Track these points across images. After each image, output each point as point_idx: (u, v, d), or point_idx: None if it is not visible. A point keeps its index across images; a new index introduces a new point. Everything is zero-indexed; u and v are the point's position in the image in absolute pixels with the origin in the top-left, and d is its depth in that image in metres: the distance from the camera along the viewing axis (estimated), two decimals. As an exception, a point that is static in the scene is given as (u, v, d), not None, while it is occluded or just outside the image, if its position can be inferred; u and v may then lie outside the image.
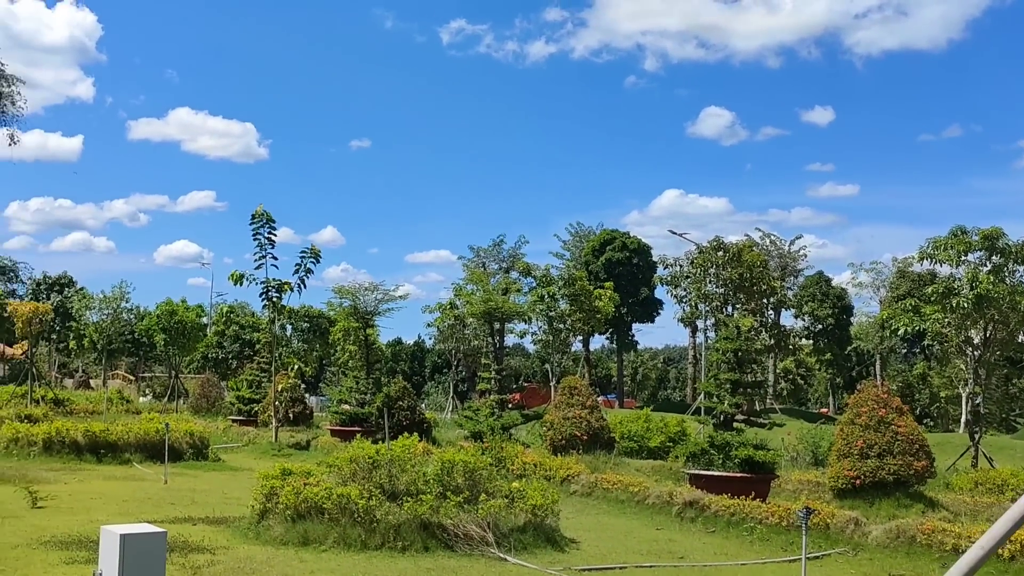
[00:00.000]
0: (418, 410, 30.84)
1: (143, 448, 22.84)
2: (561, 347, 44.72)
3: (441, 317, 48.28)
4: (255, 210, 28.73)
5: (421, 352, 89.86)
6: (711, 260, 46.86)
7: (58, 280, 64.75)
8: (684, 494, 16.53)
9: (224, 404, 41.44)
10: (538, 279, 42.63)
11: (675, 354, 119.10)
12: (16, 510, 14.18)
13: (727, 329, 20.13)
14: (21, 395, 40.59)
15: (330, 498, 12.54)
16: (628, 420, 27.20)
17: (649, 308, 70.49)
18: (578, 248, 75.32)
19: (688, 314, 55.48)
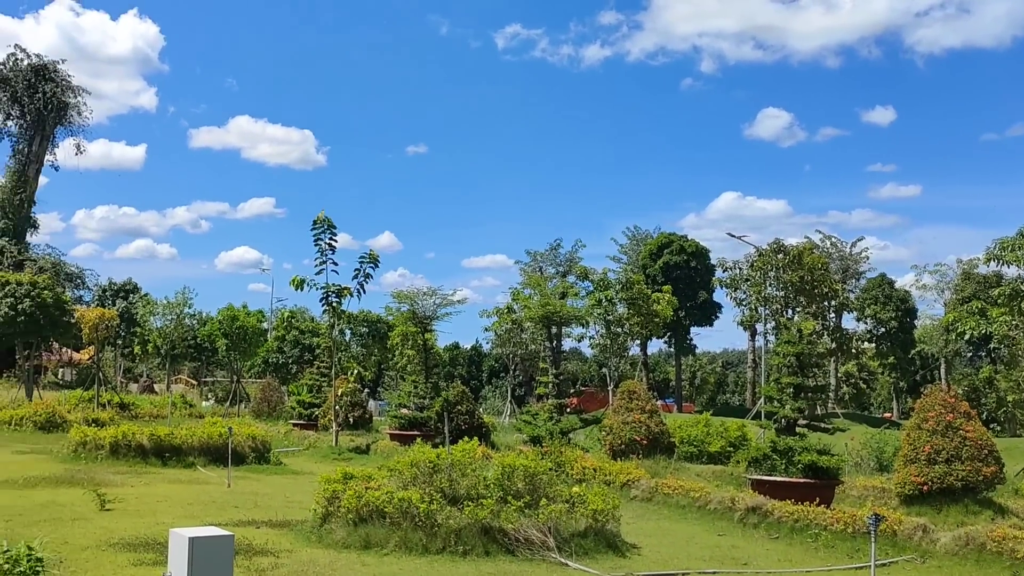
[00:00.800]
0: (477, 414, 30.90)
1: (206, 452, 23.16)
2: (619, 351, 44.55)
3: (499, 321, 48.35)
4: (317, 216, 28.97)
5: (478, 356, 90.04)
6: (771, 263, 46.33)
7: (123, 286, 65.89)
8: (746, 499, 16.33)
9: (285, 408, 41.89)
10: (595, 283, 42.52)
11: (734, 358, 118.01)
12: (85, 512, 14.46)
13: (789, 332, 19.85)
14: (88, 399, 41.44)
15: (391, 502, 12.60)
16: (687, 425, 26.96)
17: (707, 311, 69.93)
18: (635, 252, 74.99)
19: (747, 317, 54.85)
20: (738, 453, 22.75)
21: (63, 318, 44.18)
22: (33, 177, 69.90)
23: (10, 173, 68.71)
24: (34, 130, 68.92)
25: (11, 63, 68.21)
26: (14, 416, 31.81)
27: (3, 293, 42.29)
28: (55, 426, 31.00)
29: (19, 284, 42.78)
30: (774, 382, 19.69)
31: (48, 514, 14.18)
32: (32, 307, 41.99)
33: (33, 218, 70.82)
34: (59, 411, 32.97)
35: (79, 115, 70.98)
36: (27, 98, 67.55)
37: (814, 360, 20.22)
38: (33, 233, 71.23)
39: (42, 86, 67.80)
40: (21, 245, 67.80)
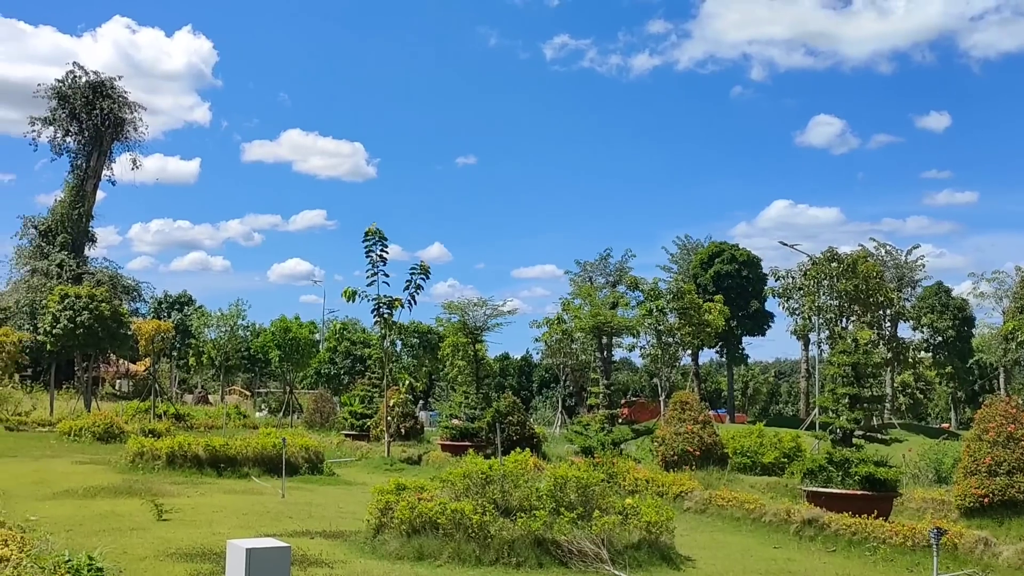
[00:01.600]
0: (528, 425, 30.87)
1: (261, 462, 23.36)
2: (670, 361, 44.26)
3: (549, 332, 48.30)
4: (368, 228, 29.21)
5: (528, 367, 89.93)
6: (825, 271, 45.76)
7: (178, 299, 66.96)
8: (802, 512, 16.13)
9: (337, 419, 42.17)
10: (646, 293, 42.31)
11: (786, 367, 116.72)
12: (143, 522, 14.65)
13: (844, 342, 19.59)
14: (145, 410, 42.06)
15: (444, 513, 12.61)
16: (740, 435, 26.70)
17: (760, 321, 69.27)
18: (686, 261, 74.53)
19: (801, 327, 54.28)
20: (793, 465, 22.49)
21: (120, 330, 44.90)
22: (91, 192, 71.28)
23: (69, 188, 70.12)
24: (92, 146, 70.32)
25: (69, 80, 69.69)
26: (73, 427, 32.35)
27: (63, 306, 43.09)
28: (113, 437, 31.47)
29: (78, 297, 43.56)
30: (830, 392, 19.44)
31: (107, 524, 14.39)
32: (90, 319, 42.70)
33: (91, 232, 72.22)
34: (117, 422, 33.47)
35: (135, 130, 72.36)
36: (85, 114, 68.95)
37: (870, 370, 19.86)
38: (91, 247, 72.62)
39: (99, 102, 69.16)
40: (80, 259, 69.14)
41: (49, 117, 69.42)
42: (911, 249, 69.24)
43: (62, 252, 67.50)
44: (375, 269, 29.20)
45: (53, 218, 69.69)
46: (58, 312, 42.94)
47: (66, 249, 68.06)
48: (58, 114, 69.35)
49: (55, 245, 68.22)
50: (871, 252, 62.53)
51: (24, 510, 14.99)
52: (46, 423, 37.02)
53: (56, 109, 69.31)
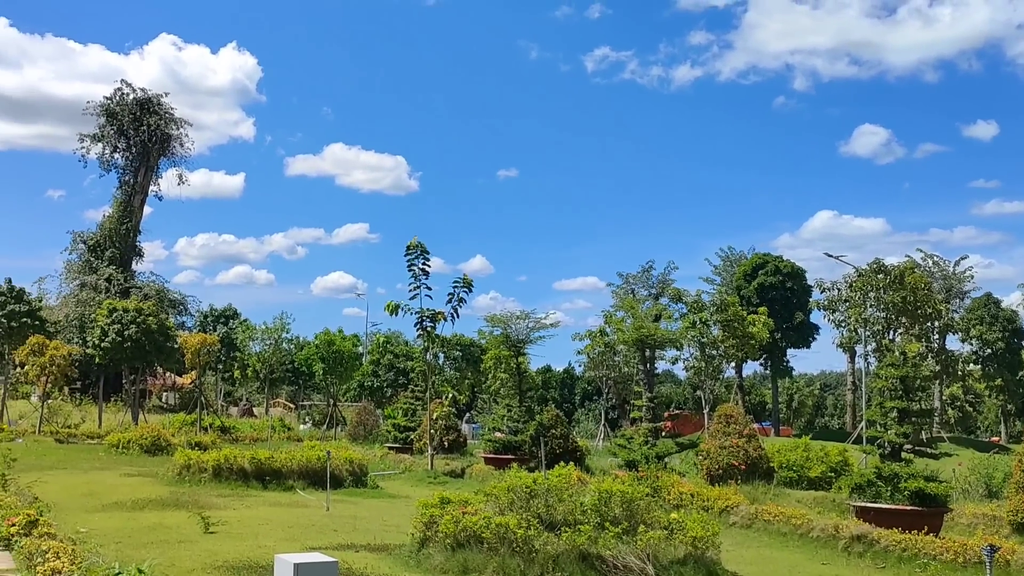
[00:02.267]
0: (571, 438, 30.79)
1: (305, 475, 23.51)
2: (713, 374, 43.96)
3: (591, 344, 48.19)
4: (410, 242, 29.38)
5: (571, 379, 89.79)
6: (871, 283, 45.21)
7: (223, 312, 67.60)
8: (851, 527, 15.90)
9: (380, 432, 42.33)
10: (689, 305, 42.10)
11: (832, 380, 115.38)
12: (190, 535, 14.78)
13: (892, 355, 19.35)
14: (191, 423, 42.50)
15: (489, 527, 12.59)
16: (786, 449, 26.43)
17: (804, 333, 68.58)
18: (729, 273, 74.09)
19: (847, 339, 53.63)
20: (840, 479, 22.21)
21: (167, 343, 45.44)
22: (138, 207, 72.35)
23: (117, 204, 71.24)
24: (139, 162, 71.40)
25: (117, 97, 70.87)
26: (122, 439, 32.75)
27: (111, 319, 43.71)
28: (160, 449, 31.82)
29: (126, 311, 44.17)
30: (877, 406, 19.20)
31: (155, 536, 14.53)
32: (138, 333, 43.28)
33: (138, 247, 73.26)
34: (164, 435, 33.83)
35: (181, 146, 73.41)
36: (132, 131, 70.05)
37: (919, 383, 19.62)
38: (138, 261, 73.66)
39: (147, 119, 70.24)
40: (127, 273, 70.14)
41: (98, 134, 70.63)
42: (959, 260, 68.40)
43: (110, 266, 68.53)
44: (417, 283, 29.34)
45: (101, 233, 70.81)
46: (106, 326, 43.56)
47: (114, 263, 69.09)
48: (106, 131, 70.54)
49: (103, 260, 69.28)
50: (918, 263, 61.72)
51: (75, 522, 15.18)
52: (95, 436, 37.53)
53: (104, 126, 70.51)
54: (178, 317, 69.69)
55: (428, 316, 29.73)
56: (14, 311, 42.35)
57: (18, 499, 15.27)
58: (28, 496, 15.94)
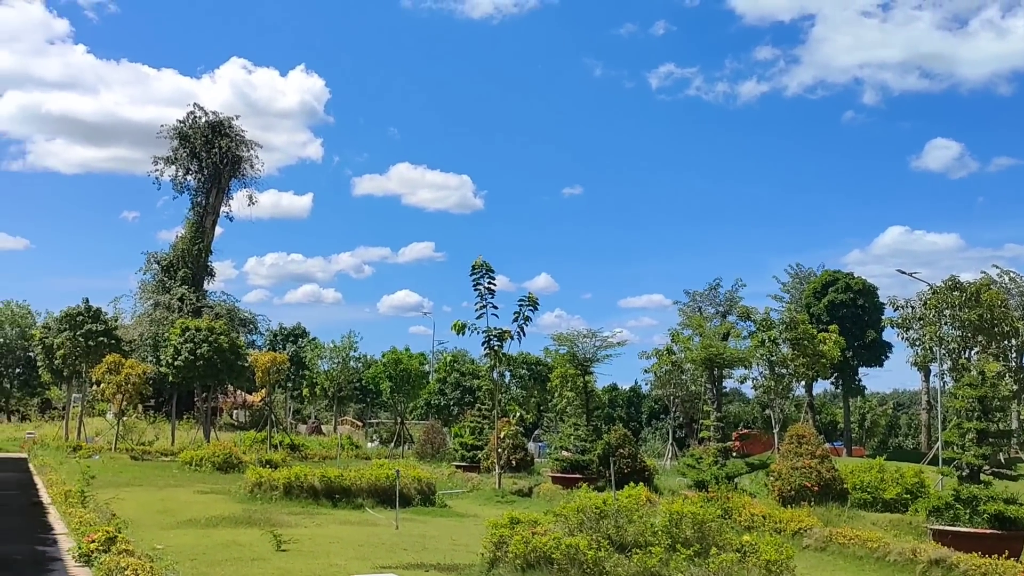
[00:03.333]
0: (639, 457, 30.57)
1: (374, 493, 23.70)
2: (783, 392, 43.34)
3: (658, 363, 47.84)
4: (475, 261, 29.54)
5: (637, 397, 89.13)
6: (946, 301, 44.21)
7: (292, 331, 68.39)
8: (929, 551, 15.51)
9: (448, 450, 42.43)
10: (758, 323, 41.61)
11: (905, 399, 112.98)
12: (263, 552, 14.95)
13: (970, 375, 18.89)
14: (261, 440, 43.10)
15: (559, 548, 12.52)
16: (860, 470, 25.90)
17: (877, 351, 67.29)
18: (798, 290, 73.07)
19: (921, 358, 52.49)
20: (917, 502, 21.70)
21: (238, 362, 46.15)
22: (210, 228, 73.72)
23: (189, 225, 72.67)
24: (211, 183, 72.79)
25: (190, 121, 72.41)
26: (194, 457, 33.33)
27: (183, 338, 44.53)
28: (232, 467, 32.30)
29: (198, 330, 44.96)
30: (955, 427, 18.76)
31: (229, 554, 14.73)
32: (210, 352, 44.01)
33: (210, 266, 74.57)
34: (235, 452, 34.34)
35: (251, 167, 74.68)
36: (204, 153, 71.47)
37: (997, 403, 19.13)
38: (210, 281, 74.95)
39: (218, 141, 71.63)
40: (199, 292, 71.44)
41: (171, 156, 72.16)
42: (1037, 276, 66.44)
43: (183, 286, 69.87)
44: (483, 301, 29.45)
45: (174, 253, 72.26)
46: (179, 345, 44.39)
47: (186, 283, 70.44)
48: (179, 153, 72.06)
49: (176, 280, 70.66)
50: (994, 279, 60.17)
51: (151, 539, 15.45)
52: (168, 453, 38.25)
53: (178, 148, 72.03)
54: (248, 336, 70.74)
55: (495, 335, 29.81)
56: (91, 330, 43.38)
57: (97, 516, 15.60)
58: (106, 513, 16.26)
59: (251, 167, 74.51)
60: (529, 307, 29.80)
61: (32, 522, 17.86)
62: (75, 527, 15.12)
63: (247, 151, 73.93)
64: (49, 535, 15.75)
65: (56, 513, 18.59)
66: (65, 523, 16.71)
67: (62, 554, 13.59)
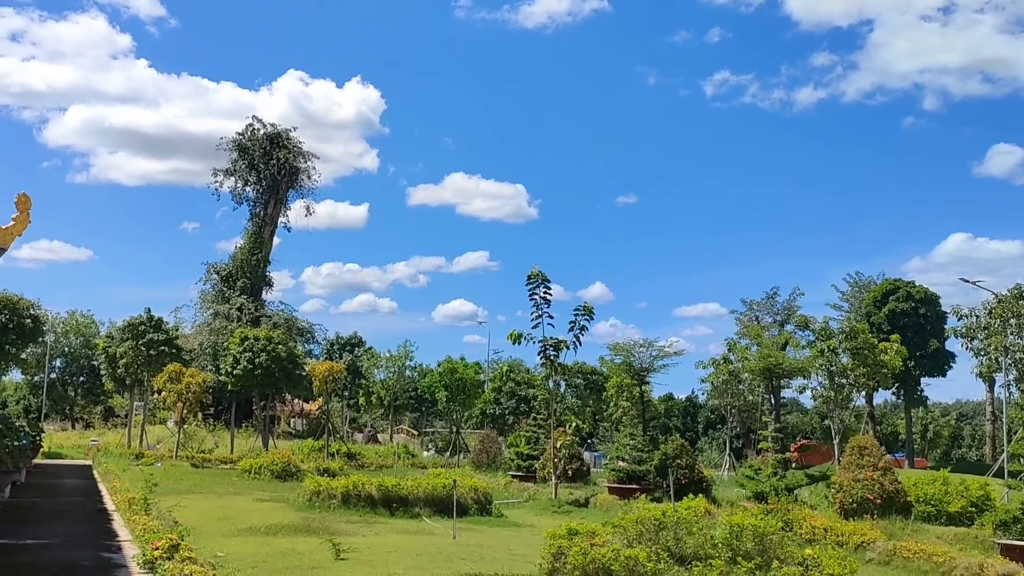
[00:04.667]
0: (696, 468, 30.29)
1: (431, 502, 23.75)
2: (843, 403, 42.67)
3: (715, 372, 47.40)
4: (531, 271, 29.56)
5: (694, 407, 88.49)
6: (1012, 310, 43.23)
7: (349, 340, 68.96)
8: (996, 566, 15.16)
9: (503, 459, 42.43)
10: (817, 332, 41.00)
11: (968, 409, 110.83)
12: (322, 561, 15.04)
13: (1038, 385, 18.45)
14: (319, 448, 43.44)
15: (618, 560, 12.41)
16: (923, 482, 25.40)
17: (939, 361, 66.01)
18: (857, 299, 72.04)
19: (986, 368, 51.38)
20: (984, 515, 21.22)
21: (296, 371, 46.60)
22: (268, 238, 74.65)
23: (248, 235, 73.67)
24: (269, 194, 73.75)
25: (249, 133, 73.47)
26: (253, 465, 33.70)
27: (242, 348, 45.08)
28: (290, 475, 32.61)
29: (256, 339, 45.50)
30: (1022, 438, 18.31)
31: (288, 562, 14.84)
32: (268, 361, 44.50)
33: (268, 276, 75.51)
34: (293, 460, 34.67)
35: (308, 178, 75.56)
36: (263, 165, 72.46)
37: (1067, 415, 18.64)
38: (268, 291, 75.90)
39: (276, 153, 72.58)
40: (258, 302, 72.36)
41: (230, 168, 73.27)
42: (1106, 283, 64.81)
43: (242, 296, 70.82)
44: (539, 311, 29.45)
45: (234, 264, 73.29)
46: (238, 354, 44.96)
47: (245, 293, 71.38)
48: (238, 165, 73.14)
49: (235, 289, 71.65)
50: (1061, 287, 58.80)
51: (212, 546, 15.63)
52: (228, 460, 38.72)
53: (236, 160, 73.13)
54: (305, 345, 71.46)
55: (550, 344, 29.79)
56: (153, 340, 44.11)
57: (160, 523, 15.82)
58: (169, 520, 16.48)
59: (308, 178, 75.41)
60: (584, 316, 29.75)
61: (97, 528, 18.17)
62: (139, 534, 15.35)
63: (304, 162, 74.82)
64: (114, 542, 16.00)
65: (120, 520, 18.89)
66: (129, 530, 16.98)
67: (127, 560, 13.80)
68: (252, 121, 74.20)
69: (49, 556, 14.50)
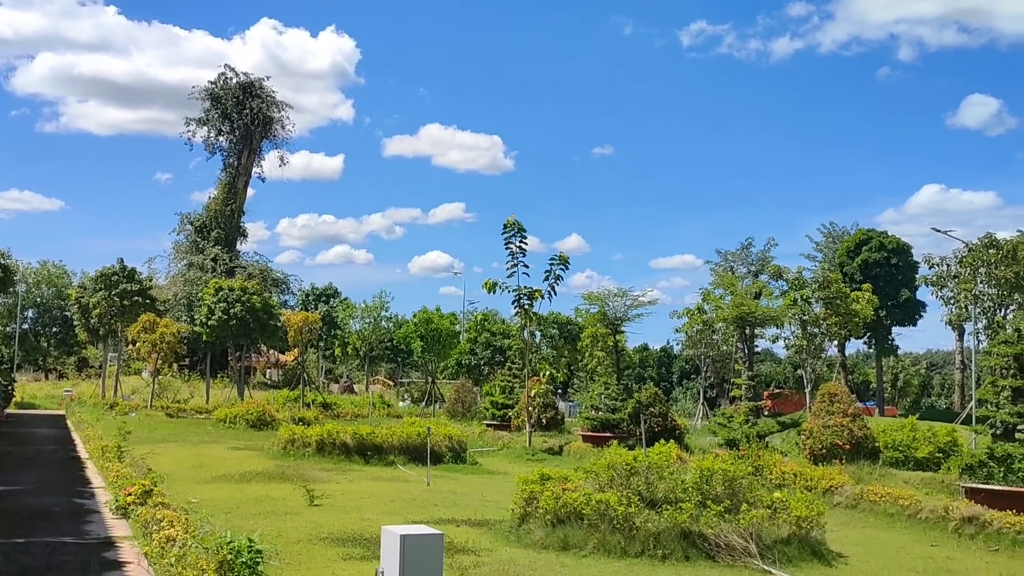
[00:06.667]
0: (669, 416, 30.56)
1: (405, 451, 23.90)
2: (815, 352, 43.07)
3: (689, 322, 47.62)
4: (507, 220, 29.47)
5: (668, 358, 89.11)
6: (982, 258, 43.57)
7: (324, 291, 68.79)
8: (961, 509, 15.43)
9: (478, 409, 42.66)
10: (790, 282, 41.25)
11: (938, 359, 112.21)
12: (296, 507, 15.13)
13: (1005, 332, 18.68)
14: (294, 399, 43.50)
15: (589, 504, 12.58)
16: (892, 429, 25.75)
17: (910, 311, 66.64)
18: (831, 249, 72.40)
19: (956, 316, 51.89)
20: (950, 460, 21.60)
21: (271, 322, 46.53)
22: (242, 189, 74.09)
23: (221, 186, 73.08)
24: (242, 144, 73.07)
25: (221, 82, 72.56)
26: (228, 414, 33.74)
27: (217, 298, 44.91)
28: (265, 424, 32.69)
29: (231, 290, 45.32)
30: (989, 384, 18.59)
31: (263, 508, 14.92)
32: (243, 311, 44.39)
33: (242, 227, 75.05)
34: (268, 410, 34.74)
35: (283, 129, 74.90)
36: (236, 114, 71.68)
37: (1034, 361, 18.84)
38: (242, 242, 75.50)
39: (249, 102, 71.78)
40: (232, 253, 71.96)
41: (203, 118, 72.48)
42: (1076, 234, 65.44)
43: (216, 247, 70.39)
44: (515, 261, 29.41)
45: (207, 214, 72.76)
46: (213, 304, 44.79)
47: (219, 244, 70.95)
48: (211, 114, 72.33)
49: (209, 240, 71.20)
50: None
51: (186, 493, 15.69)
52: (203, 410, 38.73)
53: (209, 110, 72.30)
54: (281, 296, 71.27)
55: (525, 294, 29.80)
56: (126, 290, 43.85)
57: (133, 470, 15.85)
58: (142, 467, 16.51)
59: (282, 128, 74.75)
60: (560, 266, 29.75)
61: (70, 476, 18.19)
62: (112, 481, 15.38)
63: (278, 112, 74.08)
64: (87, 488, 16.03)
65: (94, 468, 18.92)
66: (102, 477, 17.01)
67: (100, 507, 13.83)
68: (225, 70, 73.34)
69: (22, 502, 14.51)
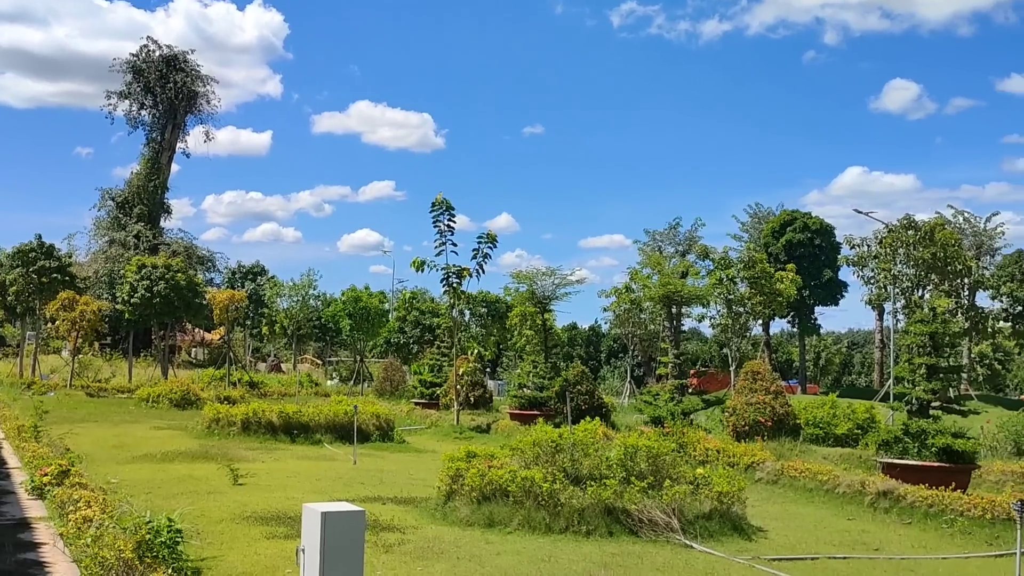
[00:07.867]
0: (596, 394, 30.81)
1: (333, 429, 23.78)
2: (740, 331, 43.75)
3: (617, 301, 48.01)
4: (435, 198, 29.38)
5: (597, 336, 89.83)
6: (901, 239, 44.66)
7: (251, 269, 67.94)
8: (877, 483, 15.85)
9: (407, 387, 42.55)
10: (716, 262, 41.79)
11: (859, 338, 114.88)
12: (219, 486, 14.96)
13: (922, 311, 19.16)
14: (220, 378, 42.90)
15: (514, 481, 12.64)
16: (813, 406, 26.30)
17: (832, 290, 68.11)
18: (757, 230, 73.56)
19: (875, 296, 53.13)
20: (867, 436, 22.11)
21: (195, 300, 45.77)
22: (166, 164, 72.67)
23: (144, 161, 71.58)
24: (166, 119, 71.64)
25: (144, 55, 70.96)
26: (151, 393, 33.15)
27: (140, 276, 44.03)
28: (189, 403, 32.19)
29: (154, 267, 44.47)
30: (906, 362, 19.04)
31: (185, 487, 14.72)
32: (167, 289, 43.60)
33: (166, 204, 73.69)
34: (193, 389, 34.20)
35: (208, 103, 73.61)
36: (159, 88, 70.22)
37: (948, 340, 19.38)
38: (166, 218, 74.17)
39: (173, 76, 70.35)
40: (156, 230, 70.63)
41: (124, 91, 70.87)
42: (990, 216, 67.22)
43: (139, 223, 69.00)
44: (443, 239, 29.34)
45: (130, 190, 71.25)
46: (135, 282, 43.91)
47: (143, 220, 69.56)
48: (133, 88, 70.75)
49: (132, 216, 69.76)
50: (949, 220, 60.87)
51: (105, 473, 15.40)
52: (125, 390, 38.01)
53: (131, 83, 70.71)
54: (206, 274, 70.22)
55: (454, 272, 29.76)
56: (44, 267, 42.70)
57: (50, 450, 15.50)
58: (60, 447, 16.16)
59: (207, 103, 73.46)
60: (488, 244, 29.74)
61: (-15, 457, 17.72)
62: (28, 461, 15.02)
63: (203, 86, 72.75)
64: (2, 469, 15.63)
65: (9, 447, 18.44)
66: (18, 457, 16.59)
67: (15, 487, 13.51)
68: (147, 42, 71.76)
69: (-67, 485, 14.11)
